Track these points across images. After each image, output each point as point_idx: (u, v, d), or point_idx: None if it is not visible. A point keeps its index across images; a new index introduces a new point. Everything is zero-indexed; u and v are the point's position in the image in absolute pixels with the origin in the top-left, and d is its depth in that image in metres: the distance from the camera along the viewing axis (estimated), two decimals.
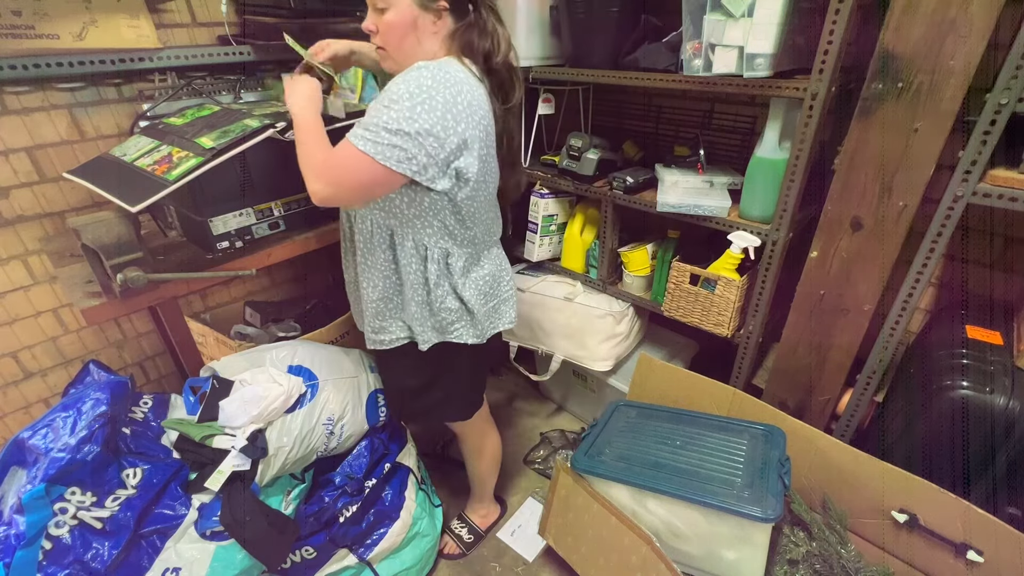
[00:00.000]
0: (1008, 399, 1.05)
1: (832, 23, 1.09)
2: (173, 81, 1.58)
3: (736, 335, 1.53)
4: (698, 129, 1.74)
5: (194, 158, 1.16)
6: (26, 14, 1.28)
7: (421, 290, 1.15)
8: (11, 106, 1.38)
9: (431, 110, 0.94)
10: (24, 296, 1.55)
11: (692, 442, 1.38)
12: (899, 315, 1.23)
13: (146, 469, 1.17)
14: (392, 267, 1.15)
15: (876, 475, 1.22)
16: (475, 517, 1.68)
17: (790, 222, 1.31)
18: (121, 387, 1.25)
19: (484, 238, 1.20)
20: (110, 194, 1.17)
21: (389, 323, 1.21)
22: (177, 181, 1.13)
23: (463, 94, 0.98)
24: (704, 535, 1.26)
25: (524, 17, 1.55)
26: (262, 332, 1.81)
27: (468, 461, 1.57)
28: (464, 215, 1.11)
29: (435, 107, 0.94)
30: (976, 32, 0.96)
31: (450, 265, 1.15)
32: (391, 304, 1.19)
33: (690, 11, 1.21)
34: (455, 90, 0.96)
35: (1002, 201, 1.01)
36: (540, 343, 1.93)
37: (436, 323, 1.19)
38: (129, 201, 1.12)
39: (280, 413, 1.29)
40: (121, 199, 1.14)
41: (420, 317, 1.18)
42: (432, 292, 1.15)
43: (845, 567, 1.23)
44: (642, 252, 1.68)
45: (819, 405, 1.45)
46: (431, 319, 1.18)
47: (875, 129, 1.12)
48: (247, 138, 1.19)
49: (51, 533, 1.03)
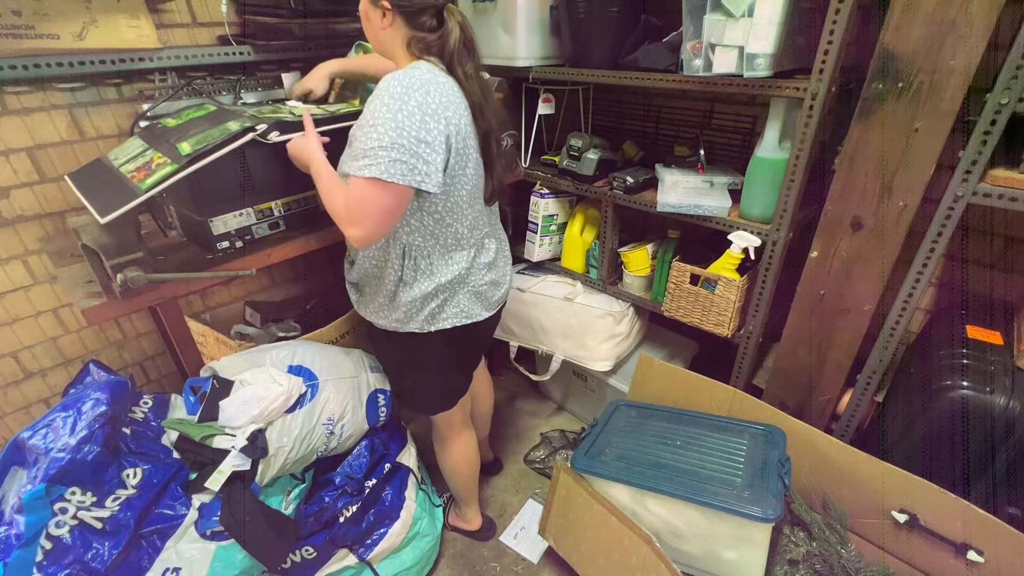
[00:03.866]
0: (1008, 399, 1.05)
1: (832, 23, 1.09)
2: (173, 81, 1.58)
3: (736, 335, 1.53)
4: (698, 129, 1.74)
5: (170, 165, 1.15)
6: (26, 14, 1.28)
7: (391, 286, 1.18)
8: (11, 106, 1.38)
9: (410, 116, 0.96)
10: (24, 296, 1.55)
11: (692, 442, 1.38)
12: (899, 315, 1.23)
13: (146, 469, 1.17)
14: (375, 263, 1.19)
15: (876, 475, 1.22)
16: (459, 523, 1.69)
17: (790, 222, 1.31)
18: (121, 387, 1.25)
19: (469, 235, 1.19)
20: (88, 201, 1.17)
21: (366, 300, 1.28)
22: (149, 190, 1.11)
23: (432, 94, 0.99)
24: (704, 535, 1.26)
25: (524, 17, 1.55)
26: (262, 332, 1.81)
27: (436, 453, 1.56)
28: (442, 212, 1.12)
29: (412, 112, 0.96)
30: (976, 32, 0.96)
31: (419, 262, 1.16)
32: (366, 290, 1.26)
33: (690, 11, 1.21)
34: (423, 91, 0.98)
35: (1002, 201, 1.01)
36: (540, 343, 1.93)
37: (398, 316, 1.22)
38: (101, 210, 1.12)
39: (280, 413, 1.29)
40: (95, 207, 1.13)
41: (385, 308, 1.23)
42: (399, 288, 1.18)
43: (845, 567, 1.23)
44: (642, 252, 1.68)
45: (819, 405, 1.45)
46: (393, 312, 1.22)
47: (875, 129, 1.12)
48: (226, 143, 1.17)
49: (51, 533, 1.03)
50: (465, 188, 1.12)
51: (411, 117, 0.96)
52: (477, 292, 1.26)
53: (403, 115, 0.95)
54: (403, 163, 0.96)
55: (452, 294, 1.22)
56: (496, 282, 1.31)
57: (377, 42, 1.10)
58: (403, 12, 1.02)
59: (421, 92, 0.97)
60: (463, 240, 1.19)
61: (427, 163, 0.99)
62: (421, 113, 0.97)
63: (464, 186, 1.12)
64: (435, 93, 0.99)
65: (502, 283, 1.34)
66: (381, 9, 1.03)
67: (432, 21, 1.04)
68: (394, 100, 0.96)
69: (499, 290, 1.33)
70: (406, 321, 1.22)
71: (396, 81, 0.97)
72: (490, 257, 1.27)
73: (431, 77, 1.00)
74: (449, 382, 1.39)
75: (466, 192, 1.13)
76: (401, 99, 0.96)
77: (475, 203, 1.17)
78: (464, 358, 1.39)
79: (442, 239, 1.16)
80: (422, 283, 1.17)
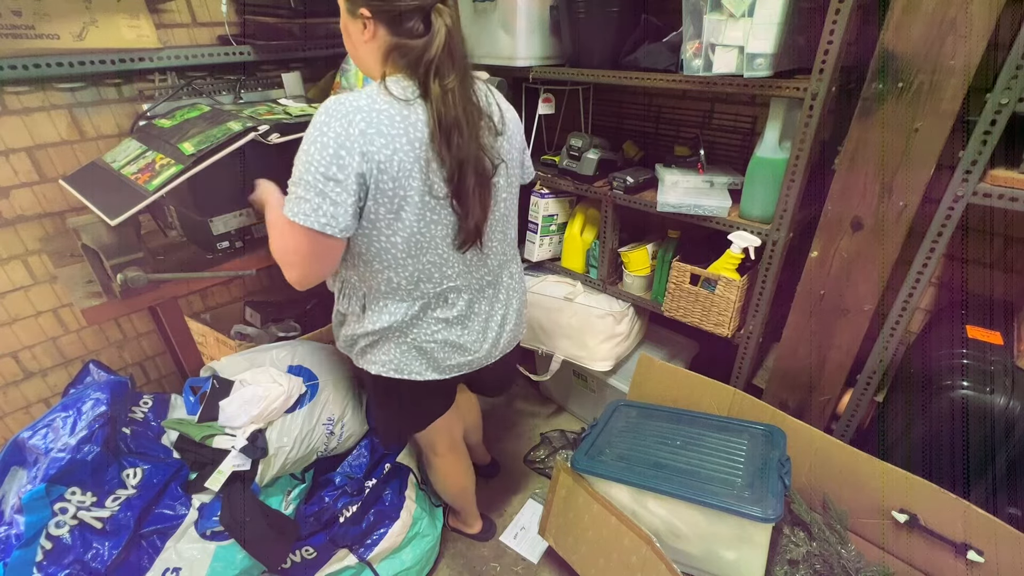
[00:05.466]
0: (1008, 399, 1.05)
1: (832, 23, 1.09)
2: (173, 81, 1.58)
3: (736, 335, 1.53)
4: (698, 129, 1.74)
5: (175, 166, 1.16)
6: (26, 14, 1.28)
7: (337, 307, 1.14)
8: (11, 106, 1.39)
9: (323, 148, 0.85)
10: (24, 296, 1.55)
11: (692, 442, 1.38)
12: (899, 315, 1.23)
13: (146, 469, 1.17)
14: (336, 285, 1.14)
15: (876, 475, 1.22)
16: (459, 526, 1.68)
17: (790, 222, 1.31)
18: (121, 387, 1.25)
19: (411, 287, 1.02)
20: (94, 204, 1.17)
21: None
22: (157, 191, 1.12)
23: (355, 123, 0.85)
24: (704, 535, 1.26)
25: (524, 17, 1.55)
26: (262, 332, 1.82)
27: (426, 471, 1.52)
28: (367, 257, 0.98)
29: (327, 144, 0.85)
30: (976, 32, 0.96)
31: (352, 300, 1.08)
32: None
33: (690, 11, 1.21)
34: (346, 120, 0.85)
35: (1002, 201, 1.01)
36: (540, 343, 1.93)
37: (340, 342, 1.17)
38: (109, 213, 1.12)
39: (280, 413, 1.29)
40: (102, 210, 1.14)
41: (336, 328, 1.18)
42: (343, 324, 1.13)
43: (845, 567, 1.23)
44: (642, 252, 1.68)
45: (819, 405, 1.45)
46: (338, 335, 1.17)
47: (875, 129, 1.12)
48: (228, 143, 1.18)
49: (51, 533, 1.03)
50: (399, 235, 0.95)
51: (324, 150, 0.85)
52: (420, 348, 1.07)
53: (316, 147, 0.85)
54: (307, 202, 0.86)
55: (383, 339, 1.07)
56: (458, 345, 1.10)
57: (358, 58, 0.99)
58: (385, 19, 0.89)
59: (343, 121, 0.85)
60: (400, 291, 1.02)
61: (334, 204, 0.87)
62: (336, 146, 0.85)
63: (398, 232, 0.94)
64: (360, 123, 0.86)
65: (470, 350, 1.12)
66: (361, 20, 0.90)
67: (419, 26, 0.89)
68: (314, 129, 0.86)
69: (461, 356, 1.11)
70: (345, 348, 1.16)
71: (324, 108, 0.87)
72: (452, 314, 1.07)
73: (367, 103, 0.87)
74: (404, 418, 1.26)
75: (400, 240, 0.95)
76: (321, 128, 0.86)
77: (423, 253, 0.99)
78: (413, 408, 1.22)
79: (373, 284, 1.02)
80: (352, 324, 1.09)
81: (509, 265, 1.17)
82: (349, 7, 0.93)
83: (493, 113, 1.03)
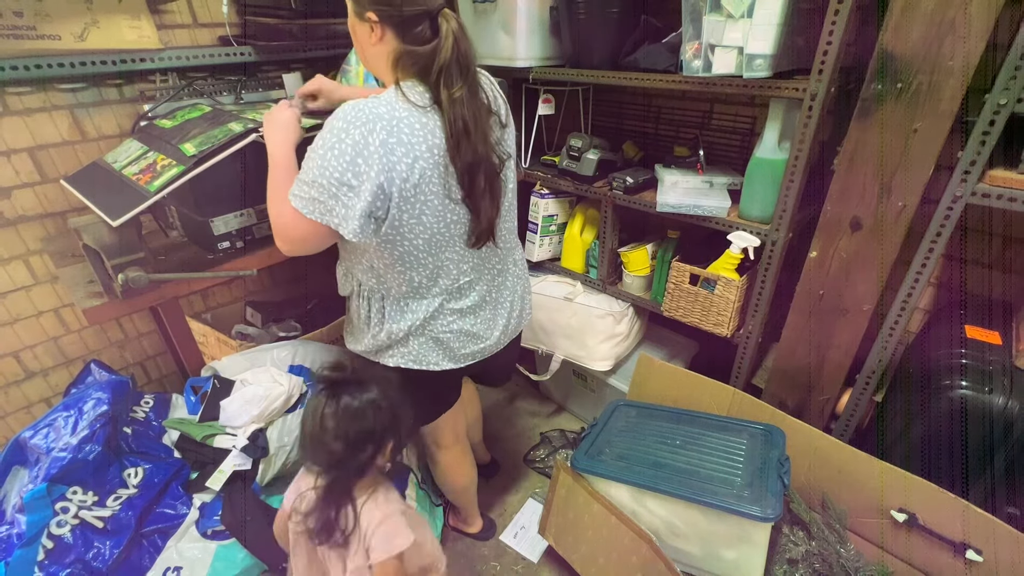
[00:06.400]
0: (1007, 399, 1.06)
1: (831, 24, 1.09)
2: (174, 82, 1.58)
3: (736, 335, 1.53)
4: (698, 129, 1.74)
5: (176, 167, 1.16)
6: (28, 15, 1.28)
7: (354, 312, 1.15)
8: (13, 107, 1.39)
9: (340, 155, 0.88)
10: (26, 296, 1.55)
11: (692, 442, 1.39)
12: (898, 315, 1.23)
13: (147, 468, 1.17)
14: (347, 290, 1.16)
15: (875, 474, 1.22)
16: (460, 525, 1.69)
17: (789, 222, 1.31)
18: (122, 387, 1.26)
19: (430, 284, 1.06)
20: (95, 205, 1.18)
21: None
22: (159, 192, 1.13)
23: (376, 132, 0.87)
24: (704, 534, 1.26)
25: (524, 17, 1.56)
26: (263, 332, 1.82)
27: (429, 467, 1.52)
28: (389, 261, 1.01)
29: (344, 151, 0.87)
30: (975, 32, 0.96)
31: (372, 304, 1.10)
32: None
33: (690, 12, 1.22)
34: (367, 129, 0.87)
35: (1001, 201, 1.01)
36: (540, 343, 1.93)
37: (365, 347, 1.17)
38: (111, 214, 1.13)
39: (281, 413, 1.30)
40: (104, 211, 1.14)
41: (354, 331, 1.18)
42: (362, 321, 1.13)
43: (844, 566, 1.23)
44: (642, 252, 1.68)
45: (818, 405, 1.45)
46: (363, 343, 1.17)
47: (874, 129, 1.12)
48: (230, 143, 1.18)
49: (53, 532, 1.03)
50: (420, 237, 0.99)
51: (341, 157, 0.87)
52: (437, 339, 1.11)
53: (333, 153, 0.88)
54: (320, 203, 0.91)
55: (406, 337, 1.11)
56: (472, 334, 1.14)
57: (367, 60, 1.00)
58: (392, 23, 0.90)
59: (363, 129, 0.87)
60: (421, 289, 1.06)
61: (346, 207, 0.90)
62: (354, 153, 0.87)
63: (419, 235, 0.99)
64: (381, 132, 0.88)
65: (483, 337, 1.16)
66: (368, 23, 0.91)
67: (427, 32, 0.91)
68: (332, 135, 0.88)
69: (475, 344, 1.15)
70: (366, 351, 1.16)
71: (343, 113, 0.89)
72: (465, 304, 1.11)
73: (387, 111, 0.89)
74: (416, 410, 1.28)
75: (422, 242, 1.00)
76: (339, 135, 0.88)
77: (442, 251, 1.03)
78: (425, 399, 1.23)
79: (395, 286, 1.06)
80: (375, 326, 1.11)
81: (514, 252, 1.22)
82: (356, 10, 0.94)
83: (500, 107, 1.06)
